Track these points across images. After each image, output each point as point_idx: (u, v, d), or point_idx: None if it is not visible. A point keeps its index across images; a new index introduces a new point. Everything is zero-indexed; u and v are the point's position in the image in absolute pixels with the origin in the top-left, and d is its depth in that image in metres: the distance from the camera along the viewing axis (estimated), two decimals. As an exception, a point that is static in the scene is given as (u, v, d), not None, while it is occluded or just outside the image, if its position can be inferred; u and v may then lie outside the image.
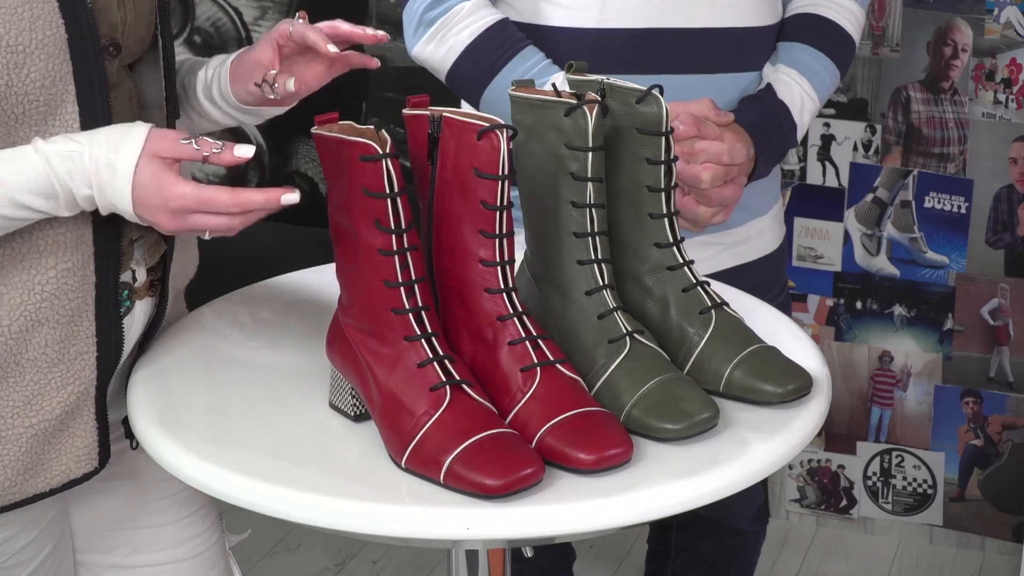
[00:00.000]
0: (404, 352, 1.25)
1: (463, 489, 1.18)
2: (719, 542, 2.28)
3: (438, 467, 1.19)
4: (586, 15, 1.76)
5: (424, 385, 1.23)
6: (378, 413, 1.26)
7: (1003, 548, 2.93)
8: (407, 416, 1.22)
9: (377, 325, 1.27)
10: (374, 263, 1.26)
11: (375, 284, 1.27)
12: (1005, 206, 2.76)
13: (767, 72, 1.84)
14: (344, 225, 1.30)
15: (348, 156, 1.25)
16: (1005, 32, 2.67)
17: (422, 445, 1.21)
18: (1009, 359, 2.83)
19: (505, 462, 1.17)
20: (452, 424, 1.21)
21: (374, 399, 1.27)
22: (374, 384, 1.26)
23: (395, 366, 1.25)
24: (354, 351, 1.30)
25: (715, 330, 1.36)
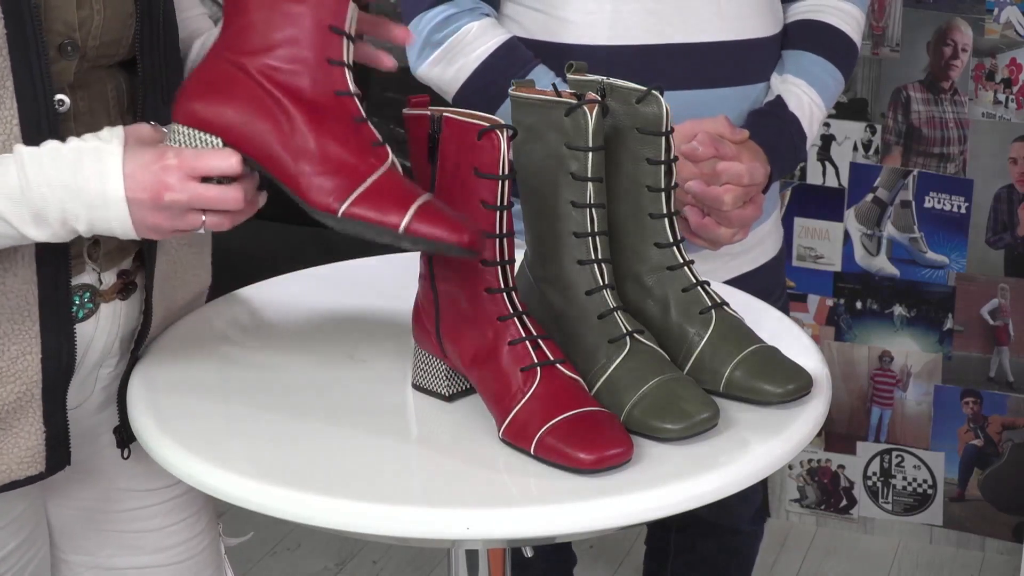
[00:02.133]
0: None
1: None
2: (718, 542, 2.28)
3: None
4: (596, 32, 1.75)
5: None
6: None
7: (1003, 548, 2.93)
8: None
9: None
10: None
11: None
12: (1005, 206, 2.76)
13: (775, 82, 1.84)
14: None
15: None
16: (1005, 32, 2.67)
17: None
18: (1009, 359, 2.83)
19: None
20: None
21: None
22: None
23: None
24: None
25: (715, 330, 1.36)
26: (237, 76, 1.26)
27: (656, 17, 1.75)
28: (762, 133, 1.76)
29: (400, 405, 1.37)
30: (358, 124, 1.25)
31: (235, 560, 1.69)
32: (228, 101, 1.26)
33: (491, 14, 1.81)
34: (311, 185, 1.22)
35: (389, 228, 1.20)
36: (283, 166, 1.24)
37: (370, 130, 1.25)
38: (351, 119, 1.25)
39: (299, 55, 1.24)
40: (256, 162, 1.26)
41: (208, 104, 1.27)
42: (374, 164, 1.23)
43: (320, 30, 1.24)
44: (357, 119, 1.25)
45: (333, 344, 1.49)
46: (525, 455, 1.24)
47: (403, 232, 1.20)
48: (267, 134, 1.25)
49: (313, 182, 1.23)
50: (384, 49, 1.45)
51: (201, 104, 1.27)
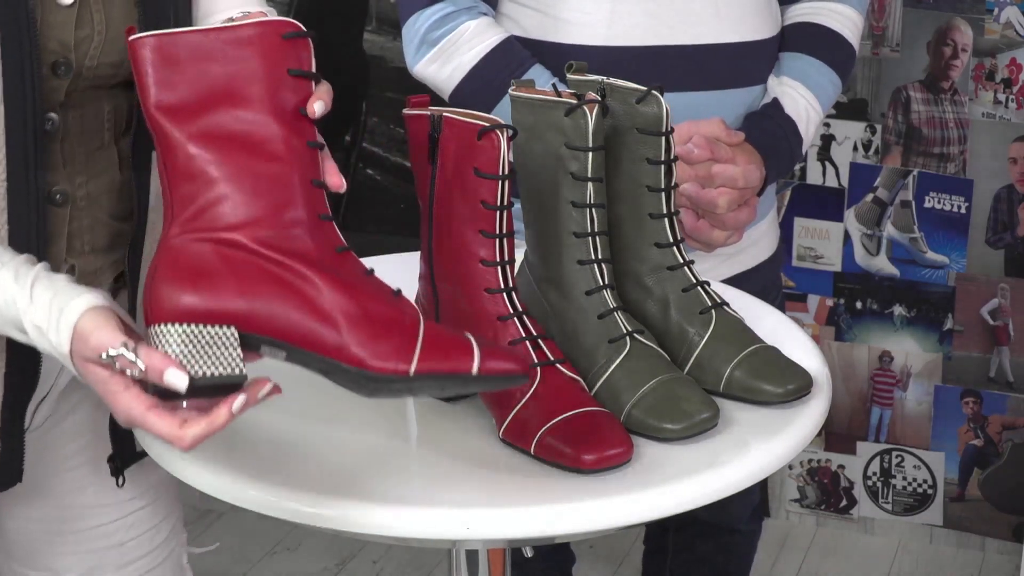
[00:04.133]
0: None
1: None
2: (716, 541, 2.28)
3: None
4: (593, 32, 1.75)
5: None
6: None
7: (1003, 548, 2.93)
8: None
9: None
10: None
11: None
12: (1005, 206, 2.76)
13: (772, 85, 1.84)
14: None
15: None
16: (1005, 32, 2.67)
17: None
18: (1009, 359, 2.83)
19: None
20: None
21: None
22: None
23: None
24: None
25: (715, 330, 1.36)
26: (231, 255, 1.11)
27: (654, 18, 1.75)
28: (758, 136, 1.76)
29: (400, 405, 1.37)
30: (370, 277, 1.15)
31: (235, 560, 1.69)
32: (231, 284, 1.10)
33: (488, 13, 1.81)
34: (367, 351, 1.09)
35: (463, 374, 1.12)
36: (323, 339, 1.10)
37: (379, 280, 1.15)
38: (362, 273, 1.15)
39: (294, 216, 1.12)
40: (286, 343, 1.11)
41: (205, 293, 1.11)
42: (411, 313, 1.13)
43: (305, 186, 1.13)
44: (367, 272, 1.15)
45: (333, 344, 1.49)
46: (525, 455, 1.24)
47: (476, 374, 1.11)
48: (292, 310, 1.11)
49: (368, 348, 1.10)
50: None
51: (194, 296, 1.11)
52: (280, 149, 1.13)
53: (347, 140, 3.03)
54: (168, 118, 1.12)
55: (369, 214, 3.07)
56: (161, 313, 1.11)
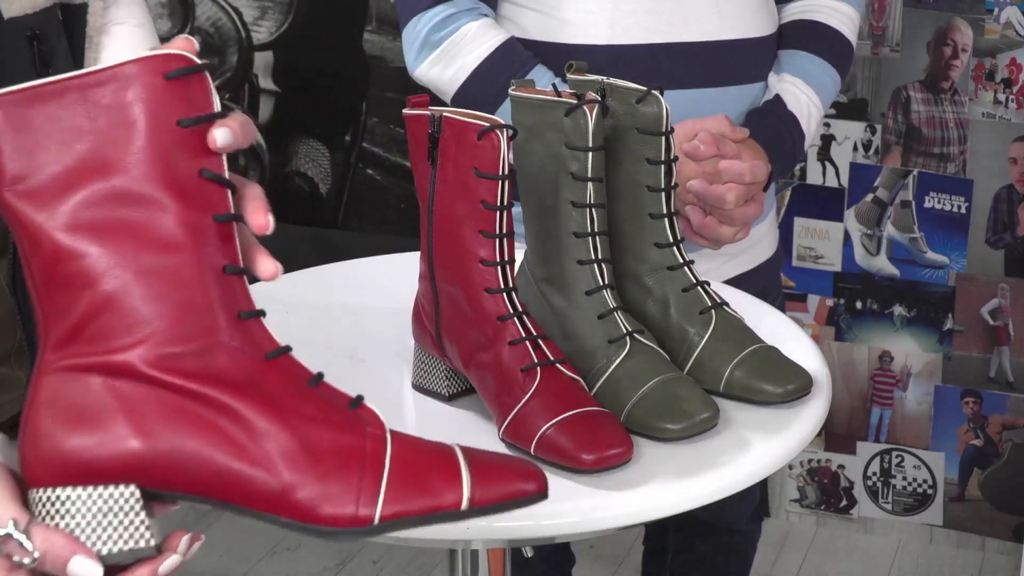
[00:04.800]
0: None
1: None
2: (716, 541, 2.28)
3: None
4: (596, 32, 1.75)
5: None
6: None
7: (1003, 548, 2.93)
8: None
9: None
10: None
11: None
12: (1005, 206, 2.76)
13: (773, 82, 1.84)
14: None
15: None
16: (1005, 32, 2.67)
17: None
18: (1009, 359, 2.83)
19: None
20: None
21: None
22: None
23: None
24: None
25: (715, 330, 1.36)
26: (123, 388, 0.85)
27: (655, 17, 1.75)
28: (762, 131, 1.77)
29: (400, 405, 1.37)
30: (316, 388, 0.89)
31: (235, 560, 1.69)
32: (125, 426, 0.84)
33: (489, 14, 1.81)
34: (314, 499, 0.85)
35: (448, 510, 0.87)
36: (255, 488, 0.85)
37: (330, 387, 0.90)
38: (305, 383, 0.88)
39: (203, 323, 0.86)
40: (208, 498, 0.86)
41: (92, 440, 0.84)
42: (374, 433, 0.88)
43: (215, 278, 0.87)
44: (312, 381, 0.89)
45: (333, 344, 1.49)
46: (525, 455, 1.24)
47: (467, 507, 0.88)
48: (211, 453, 0.85)
49: (315, 493, 0.85)
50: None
51: (80, 442, 0.84)
52: (175, 232, 0.85)
53: (347, 140, 3.03)
54: (27, 203, 0.84)
55: (369, 214, 3.07)
56: (42, 473, 0.84)
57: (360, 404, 0.90)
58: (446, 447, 0.89)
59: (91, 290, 0.84)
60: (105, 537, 0.85)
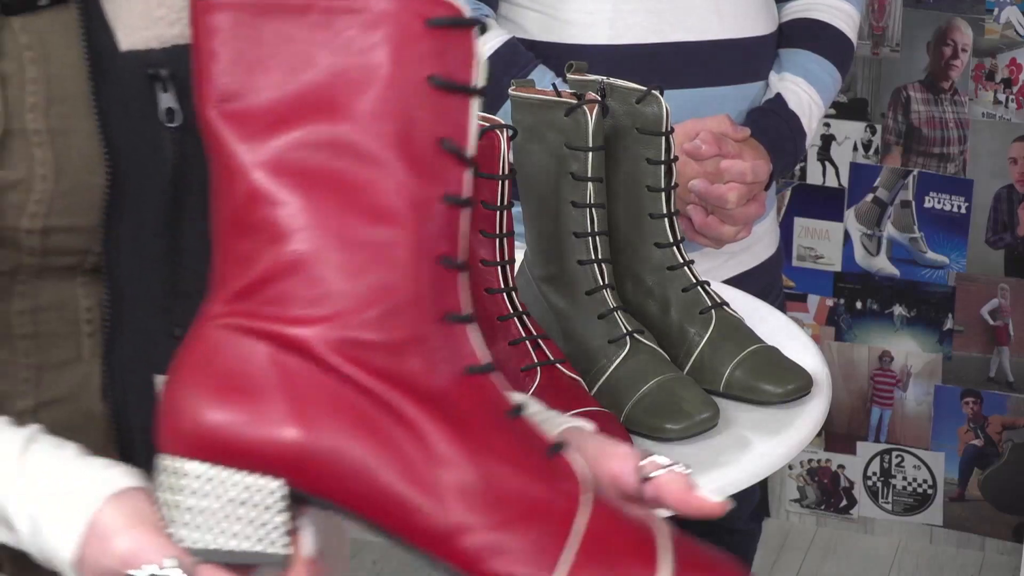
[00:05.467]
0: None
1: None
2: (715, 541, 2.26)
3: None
4: (596, 32, 1.75)
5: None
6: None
7: (1003, 548, 2.93)
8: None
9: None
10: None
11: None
12: (1005, 206, 2.76)
13: (774, 81, 1.84)
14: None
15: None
16: (1005, 32, 2.67)
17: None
18: (1009, 359, 2.83)
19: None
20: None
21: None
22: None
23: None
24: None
25: (715, 330, 1.36)
26: (292, 365, 0.71)
27: (656, 16, 1.75)
28: (763, 131, 1.77)
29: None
30: (511, 420, 0.74)
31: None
32: (285, 410, 0.71)
33: (490, 15, 1.81)
34: (484, 549, 0.71)
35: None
36: (419, 520, 0.71)
37: (529, 424, 0.75)
38: (503, 413, 0.74)
39: (404, 316, 0.72)
40: (361, 515, 0.72)
41: (243, 417, 0.71)
42: (568, 490, 0.73)
43: (429, 267, 0.73)
44: (510, 412, 0.75)
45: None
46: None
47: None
48: (377, 466, 0.71)
49: (486, 543, 0.71)
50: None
51: (227, 417, 0.71)
52: (396, 202, 0.71)
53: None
54: (232, 127, 0.72)
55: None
56: (177, 439, 0.72)
57: (559, 453, 0.75)
58: (649, 526, 0.75)
59: (280, 246, 0.71)
60: (235, 531, 0.71)
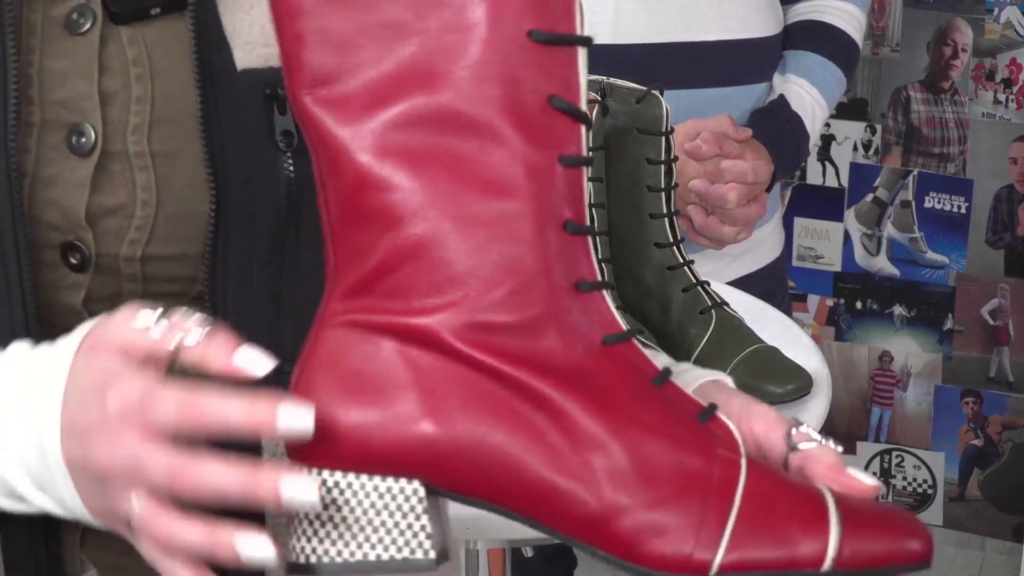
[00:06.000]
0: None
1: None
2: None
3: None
4: (598, 31, 1.75)
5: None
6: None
7: (1003, 548, 2.93)
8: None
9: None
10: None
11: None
12: (1005, 206, 2.76)
13: (777, 82, 1.84)
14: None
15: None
16: (1005, 32, 2.67)
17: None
18: (1009, 359, 2.83)
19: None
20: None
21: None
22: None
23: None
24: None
25: (715, 330, 1.36)
26: (420, 358, 0.67)
27: (658, 16, 1.75)
28: (765, 131, 1.77)
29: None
30: (658, 388, 0.70)
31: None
32: (418, 406, 0.67)
33: None
34: (641, 531, 0.66)
35: (806, 568, 0.68)
36: (567, 507, 0.67)
37: (678, 389, 0.71)
38: (648, 381, 0.70)
39: (529, 292, 0.67)
40: (505, 509, 0.68)
41: (375, 416, 0.67)
42: (727, 456, 0.69)
43: (555, 235, 0.68)
44: (656, 380, 0.70)
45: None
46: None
47: (830, 568, 0.68)
48: (518, 455, 0.67)
49: (643, 524, 0.66)
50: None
51: (359, 417, 0.67)
52: (511, 172, 0.67)
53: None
54: (331, 112, 0.67)
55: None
56: (309, 448, 0.67)
57: (713, 416, 0.70)
58: (815, 488, 0.72)
59: (395, 232, 0.66)
60: (375, 540, 0.67)
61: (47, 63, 0.77)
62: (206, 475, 0.65)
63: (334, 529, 0.67)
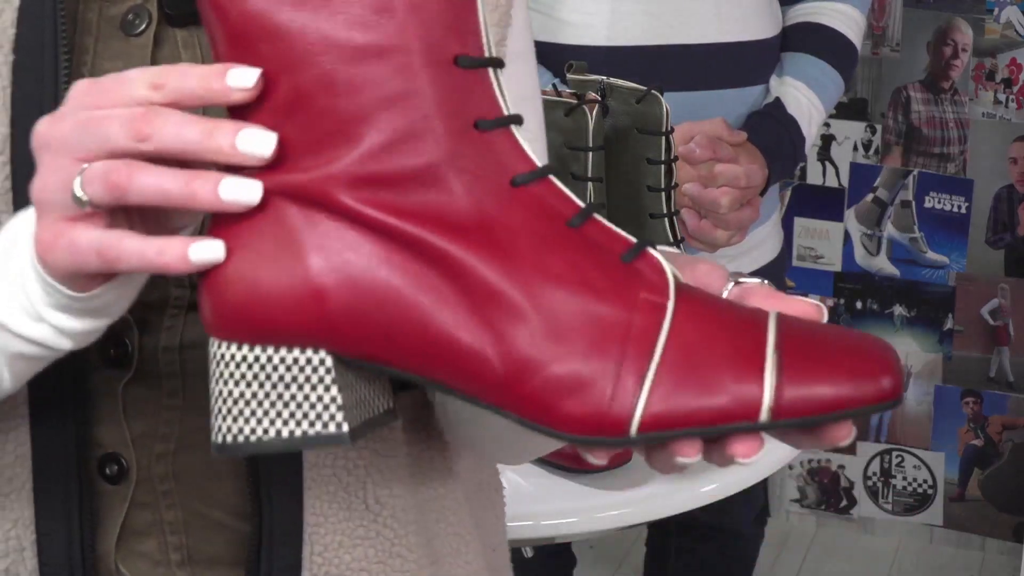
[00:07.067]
0: None
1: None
2: (719, 545, 2.27)
3: None
4: (595, 33, 1.75)
5: None
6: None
7: (1003, 548, 2.93)
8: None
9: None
10: None
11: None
12: (1005, 206, 2.76)
13: (774, 85, 1.84)
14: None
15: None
16: (1005, 32, 2.67)
17: None
18: (1009, 359, 2.83)
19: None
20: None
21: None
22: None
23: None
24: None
25: (715, 330, 1.36)
26: (319, 221, 0.62)
27: (655, 19, 1.75)
28: (760, 135, 1.76)
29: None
30: (574, 229, 0.63)
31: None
32: (318, 270, 0.62)
33: None
34: (551, 389, 0.61)
35: (739, 421, 0.60)
36: (473, 368, 0.62)
37: (603, 227, 0.64)
38: (563, 223, 0.63)
39: (416, 135, 0.61)
40: (415, 375, 0.64)
41: (277, 285, 0.62)
42: (650, 300, 0.62)
43: (438, 68, 0.62)
44: (573, 220, 0.63)
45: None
46: (525, 455, 1.24)
47: (767, 418, 0.59)
48: (420, 315, 0.62)
49: (553, 382, 0.61)
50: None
51: (264, 288, 0.62)
52: (390, 3, 0.61)
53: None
54: None
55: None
56: (220, 322, 0.64)
57: (642, 253, 0.63)
58: (757, 323, 0.61)
59: (276, 86, 0.62)
60: (287, 415, 0.63)
61: (100, 63, 0.76)
62: (149, 174, 0.62)
63: (246, 406, 0.63)
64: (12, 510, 0.77)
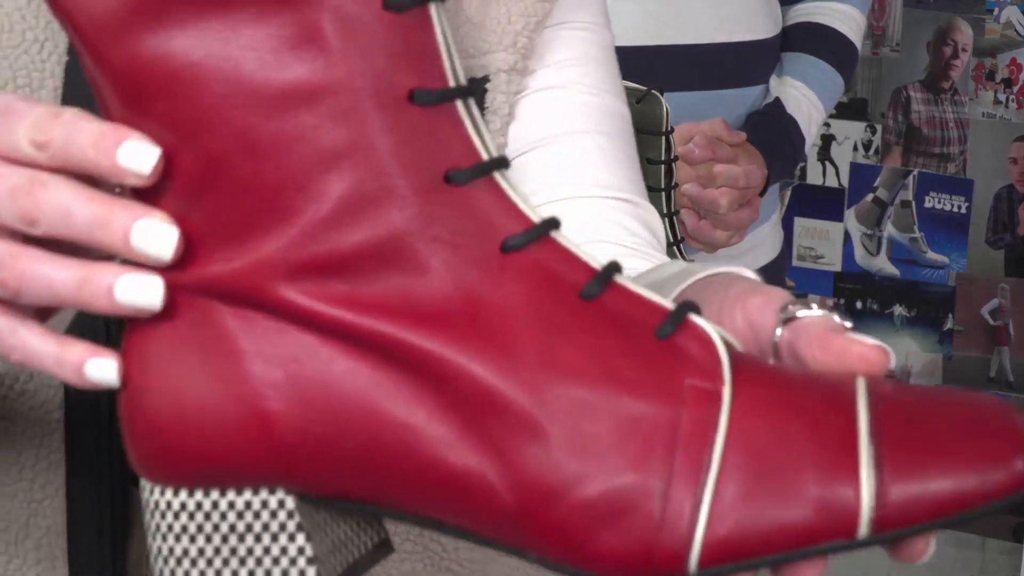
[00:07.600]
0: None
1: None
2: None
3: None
4: None
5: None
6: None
7: (1003, 548, 2.93)
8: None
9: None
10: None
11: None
12: (1005, 206, 2.76)
13: (774, 85, 1.84)
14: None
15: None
16: (1005, 32, 2.67)
17: None
18: (1009, 359, 2.83)
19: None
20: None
21: None
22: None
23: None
24: None
25: (715, 330, 1.36)
26: (252, 322, 0.48)
27: (654, 19, 1.75)
28: (760, 135, 1.76)
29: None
30: (589, 302, 0.48)
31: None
32: (262, 390, 0.47)
33: None
34: (581, 520, 0.47)
35: (835, 540, 0.52)
36: (474, 501, 0.48)
37: (624, 291, 0.49)
38: (575, 295, 0.48)
39: (371, 199, 0.47)
40: (401, 511, 0.50)
41: (215, 409, 0.48)
42: (699, 387, 0.48)
43: (386, 109, 0.47)
44: (586, 291, 0.48)
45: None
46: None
47: (867, 533, 0.51)
48: (396, 438, 0.48)
49: (582, 511, 0.47)
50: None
51: (199, 415, 0.48)
52: (322, 26, 0.46)
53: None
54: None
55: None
56: (153, 467, 0.50)
57: (682, 322, 0.48)
58: (839, 392, 0.49)
59: (194, 143, 0.47)
60: (245, 574, 0.50)
61: None
62: (40, 268, 0.49)
63: (192, 567, 0.49)
64: (45, 517, 0.75)
